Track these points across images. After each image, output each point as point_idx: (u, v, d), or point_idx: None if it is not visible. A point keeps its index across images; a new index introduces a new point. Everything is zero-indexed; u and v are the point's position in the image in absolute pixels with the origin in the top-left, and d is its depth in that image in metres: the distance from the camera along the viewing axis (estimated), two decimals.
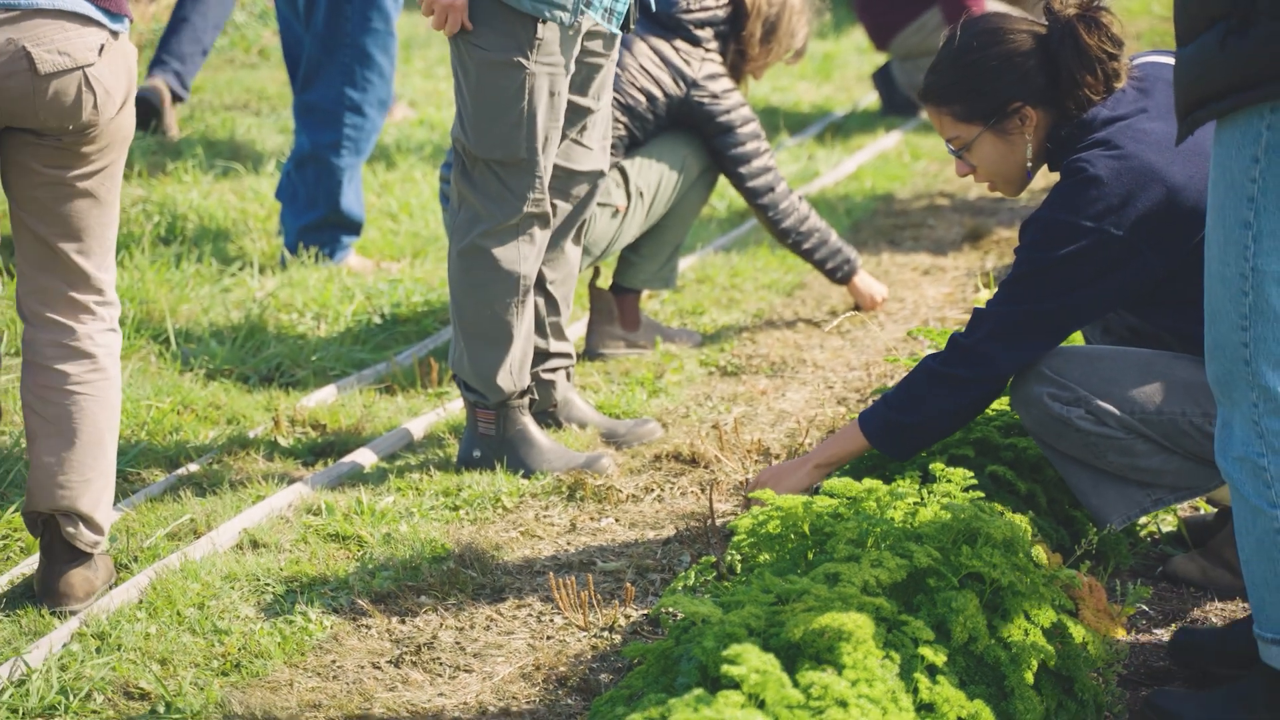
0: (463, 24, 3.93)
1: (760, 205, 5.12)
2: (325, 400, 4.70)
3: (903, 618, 2.83)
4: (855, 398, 4.74)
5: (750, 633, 2.73)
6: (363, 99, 5.79)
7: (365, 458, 4.30)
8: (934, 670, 2.78)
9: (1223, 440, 2.84)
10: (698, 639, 2.72)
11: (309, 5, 5.81)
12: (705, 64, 4.95)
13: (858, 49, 10.20)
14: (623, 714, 2.72)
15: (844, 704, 2.57)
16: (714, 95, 4.94)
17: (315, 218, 5.80)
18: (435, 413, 4.59)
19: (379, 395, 4.79)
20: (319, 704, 3.18)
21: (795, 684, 2.58)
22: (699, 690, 2.54)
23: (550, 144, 4.05)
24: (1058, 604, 3.06)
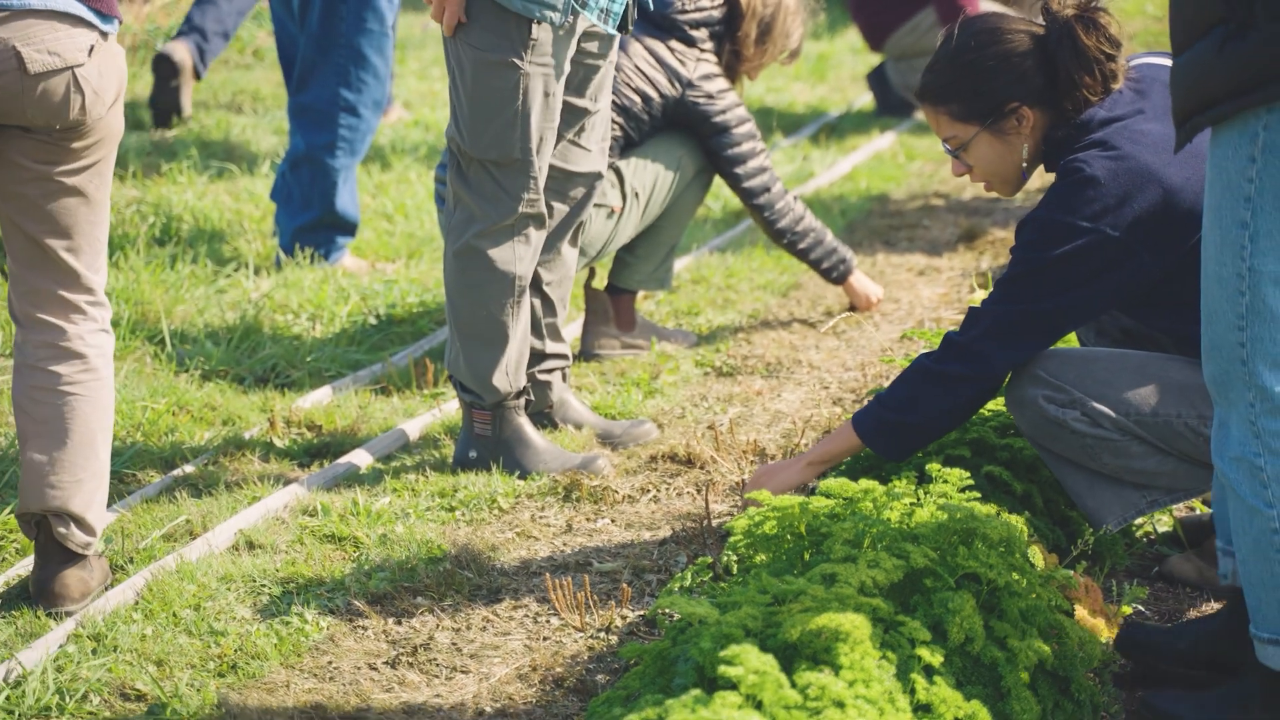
0: (459, 19, 3.93)
1: (756, 205, 5.12)
2: (321, 401, 4.70)
3: (899, 618, 2.83)
4: (851, 398, 4.74)
5: (747, 633, 2.73)
6: (357, 100, 5.78)
7: (361, 459, 4.30)
8: (931, 671, 2.78)
9: (1219, 440, 2.84)
10: (695, 640, 2.72)
11: (303, 6, 5.80)
12: (700, 64, 4.95)
13: (852, 49, 10.20)
14: (620, 714, 2.72)
15: (841, 704, 2.57)
16: (709, 96, 4.94)
17: (310, 219, 5.80)
18: (431, 414, 4.58)
19: (374, 396, 4.78)
20: (316, 705, 3.17)
21: (792, 684, 2.58)
22: (696, 691, 2.54)
23: (545, 144, 4.04)
24: (1054, 604, 3.07)
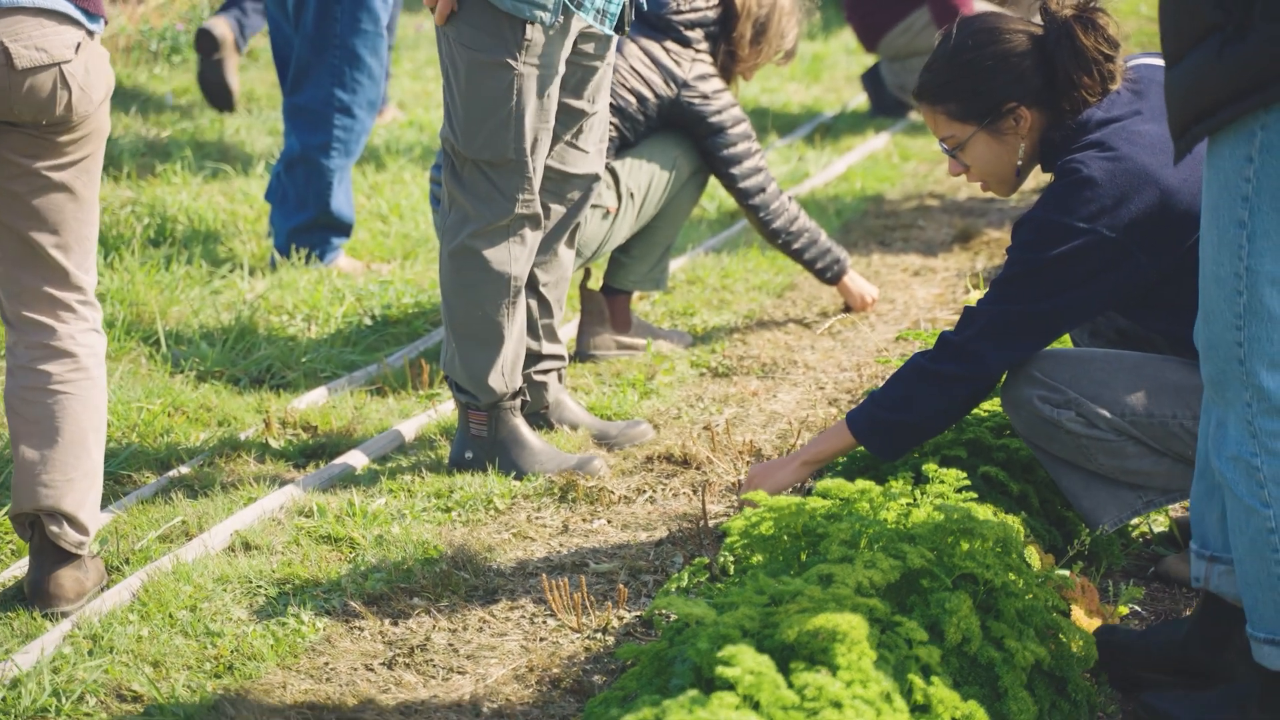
0: (451, 8, 3.92)
1: (751, 205, 5.12)
2: (316, 402, 4.70)
3: (896, 619, 2.83)
4: (846, 399, 4.74)
5: (744, 634, 2.72)
6: (352, 100, 5.78)
7: (357, 459, 4.30)
8: (928, 671, 2.78)
9: (1217, 440, 2.84)
10: (692, 640, 2.71)
11: (298, 7, 5.80)
12: (696, 65, 4.95)
13: (847, 50, 10.20)
14: (617, 715, 2.72)
15: (838, 705, 2.57)
16: (705, 96, 4.94)
17: (305, 219, 5.79)
18: (427, 414, 4.58)
19: (370, 397, 4.78)
20: (312, 706, 3.17)
21: (790, 685, 2.57)
22: (693, 691, 2.54)
23: (540, 145, 4.04)
24: (1051, 605, 3.07)
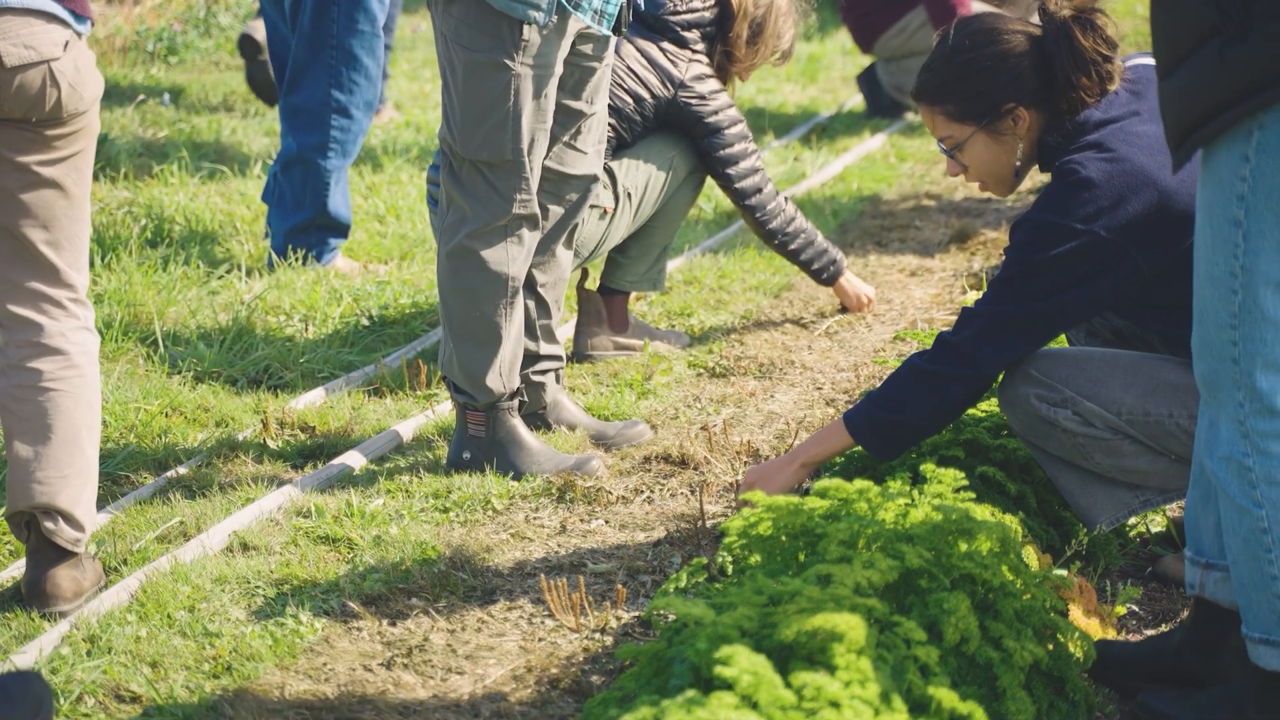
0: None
1: (747, 206, 5.12)
2: (314, 403, 4.70)
3: (895, 619, 2.83)
4: (844, 399, 4.74)
5: (743, 634, 2.72)
6: (349, 101, 5.78)
7: (355, 460, 4.30)
8: (926, 671, 2.78)
9: (1209, 440, 2.84)
10: (690, 640, 2.71)
11: (295, 7, 5.80)
12: (692, 65, 4.95)
13: (843, 51, 10.21)
14: (615, 715, 2.72)
15: (837, 705, 2.57)
16: (701, 97, 4.94)
17: (302, 220, 5.79)
18: (424, 415, 4.58)
19: (367, 397, 4.78)
20: (311, 706, 3.17)
21: (788, 685, 2.58)
22: (692, 691, 2.54)
23: (537, 145, 4.04)
24: (1049, 605, 3.07)
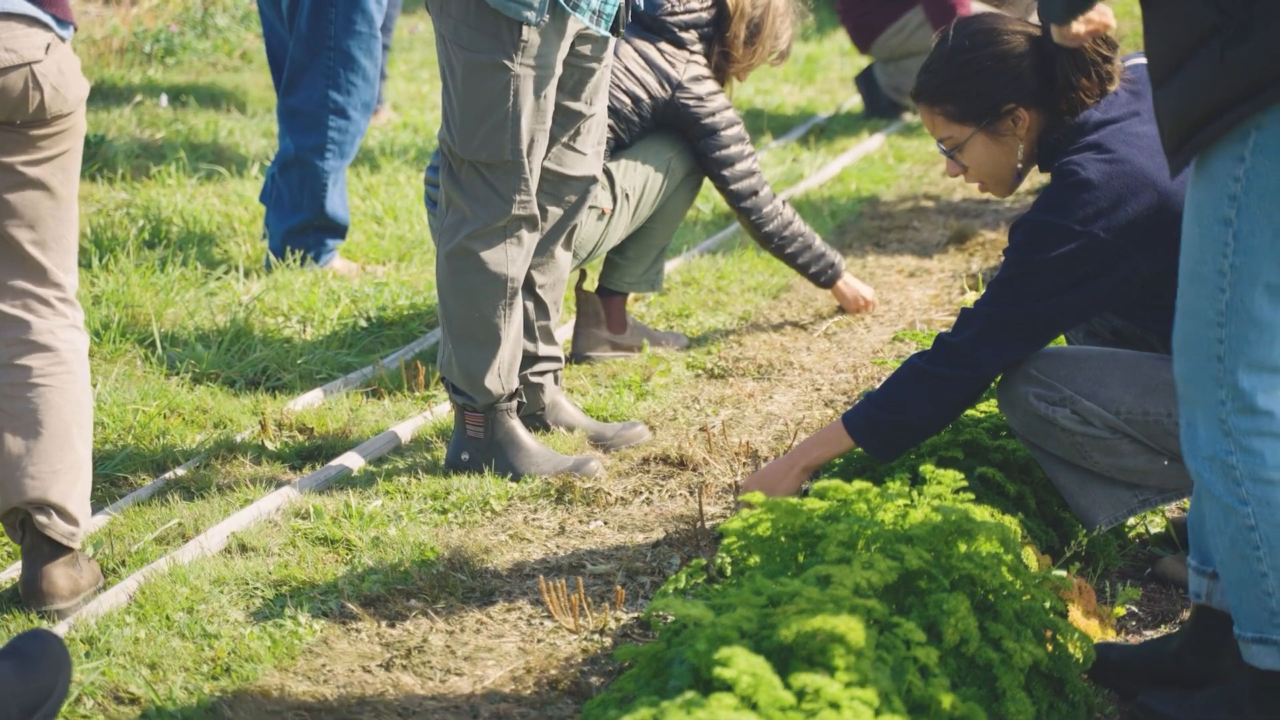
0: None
1: (743, 208, 5.11)
2: (312, 404, 4.69)
3: (894, 620, 2.83)
4: (842, 400, 4.74)
5: (742, 635, 2.72)
6: (346, 102, 5.78)
7: (353, 461, 4.30)
8: (926, 672, 2.78)
9: (1189, 440, 2.84)
10: (689, 641, 2.71)
11: (292, 8, 5.80)
12: (690, 66, 4.95)
13: (841, 51, 10.21)
14: (615, 716, 2.72)
15: (836, 705, 2.57)
16: (699, 98, 4.94)
17: (300, 221, 5.79)
18: (422, 416, 4.58)
19: (366, 399, 4.78)
20: (310, 707, 3.17)
21: (788, 686, 2.58)
22: (691, 693, 2.54)
23: (536, 146, 4.04)
24: (1048, 606, 3.07)
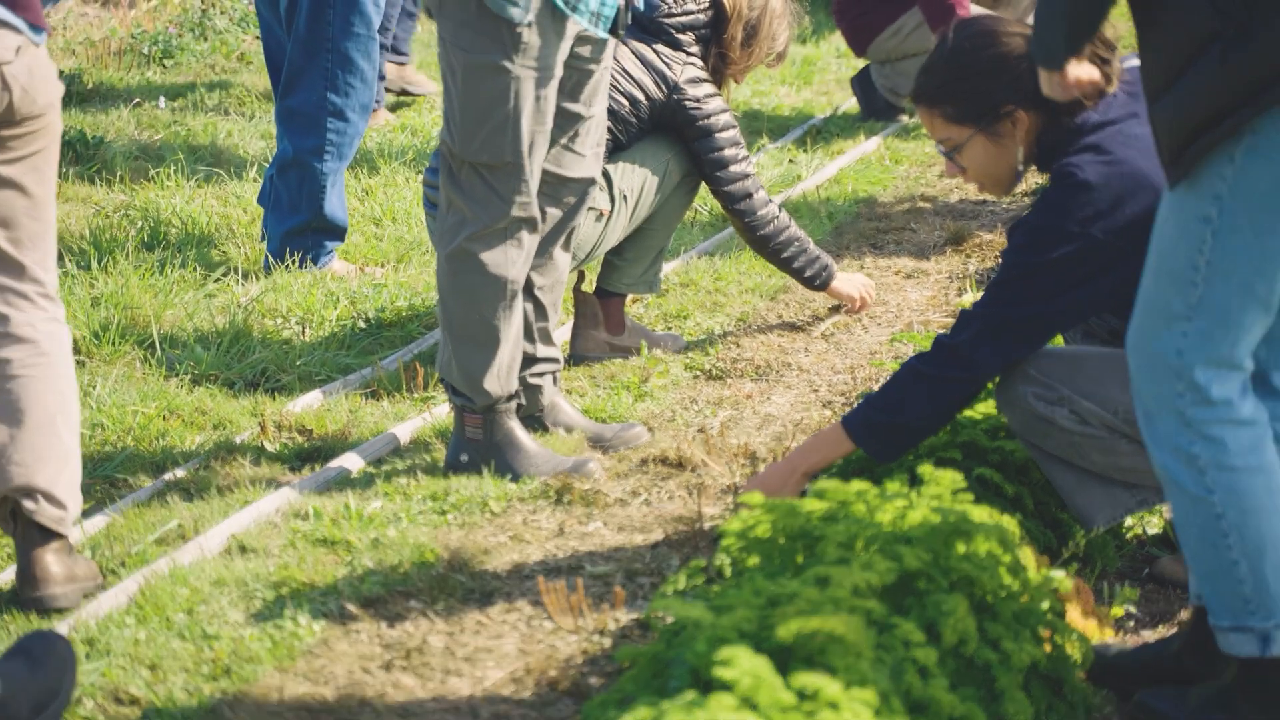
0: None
1: (737, 210, 5.11)
2: (311, 405, 4.70)
3: (893, 620, 2.84)
4: (841, 401, 4.75)
5: (742, 636, 2.73)
6: (344, 104, 5.78)
7: (352, 462, 4.30)
8: (925, 672, 2.78)
9: (1149, 434, 2.86)
10: (689, 642, 2.72)
11: (290, 9, 5.80)
12: (687, 68, 4.96)
13: (838, 53, 10.21)
14: (614, 717, 2.72)
15: (836, 706, 2.57)
16: (696, 100, 4.95)
17: (298, 223, 5.79)
18: (421, 417, 4.58)
19: (365, 400, 4.78)
20: (309, 708, 3.18)
21: (787, 686, 2.58)
22: (691, 693, 2.54)
23: (537, 147, 4.05)
24: (1047, 606, 3.08)
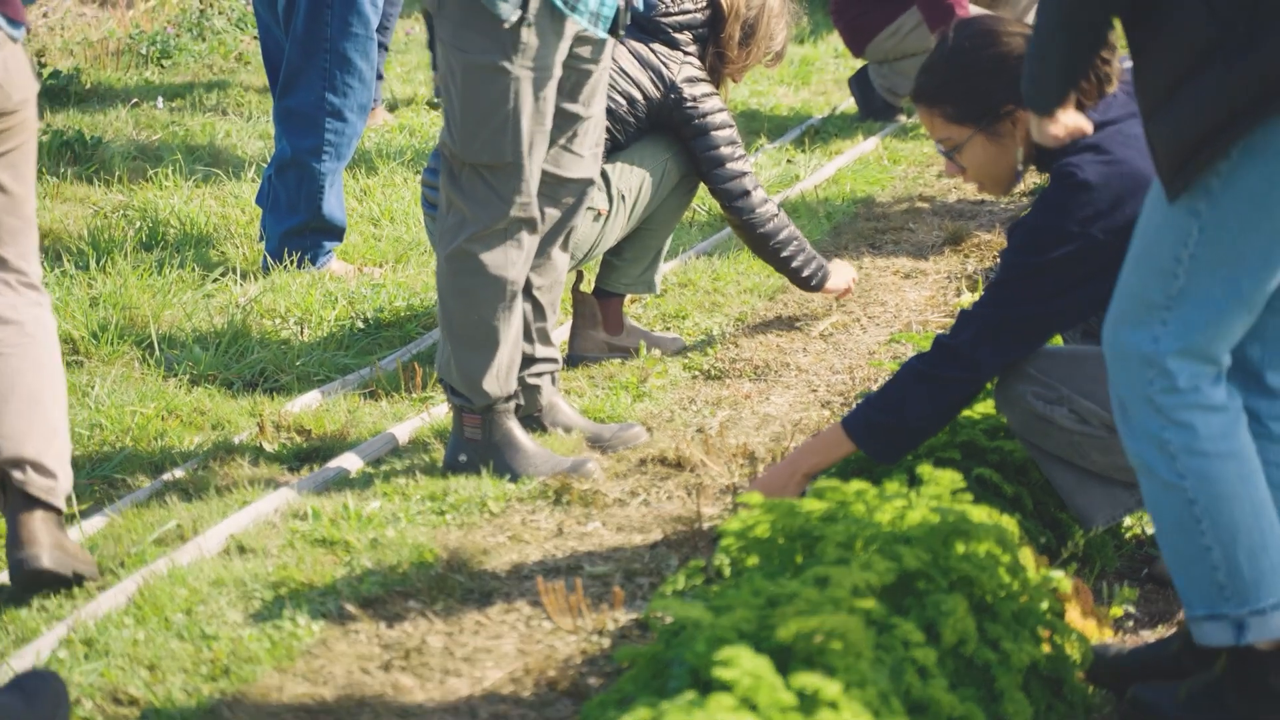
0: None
1: (734, 209, 5.11)
2: (310, 405, 4.70)
3: (893, 620, 2.84)
4: (839, 401, 4.75)
5: (741, 636, 2.73)
6: (343, 104, 5.78)
7: (351, 463, 4.30)
8: (925, 672, 2.78)
9: (1123, 422, 2.87)
10: (689, 643, 2.72)
11: (288, 10, 5.80)
12: (685, 67, 4.96)
13: (835, 53, 10.21)
14: (614, 717, 2.72)
15: (835, 706, 2.57)
16: (693, 99, 4.95)
17: (297, 223, 5.79)
18: (420, 417, 4.58)
19: (363, 400, 4.78)
20: (308, 709, 3.18)
21: (787, 686, 2.58)
22: (691, 693, 2.54)
23: (536, 148, 4.05)
24: (1046, 606, 3.08)
